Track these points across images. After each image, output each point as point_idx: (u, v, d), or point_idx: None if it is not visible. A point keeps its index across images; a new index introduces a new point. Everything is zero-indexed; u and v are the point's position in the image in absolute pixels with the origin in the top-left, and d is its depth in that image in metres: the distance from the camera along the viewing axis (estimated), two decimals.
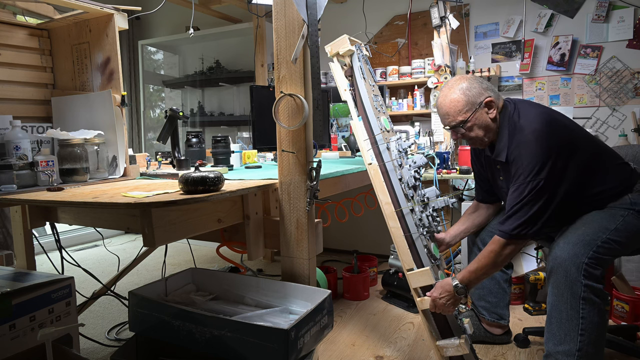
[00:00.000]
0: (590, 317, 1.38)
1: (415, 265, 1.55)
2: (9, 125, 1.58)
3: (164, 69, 4.69)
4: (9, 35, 1.77)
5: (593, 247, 1.40)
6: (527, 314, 2.27)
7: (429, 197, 1.61)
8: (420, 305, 1.56)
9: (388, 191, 1.59)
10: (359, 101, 1.66)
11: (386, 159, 1.62)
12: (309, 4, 1.37)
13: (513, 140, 1.50)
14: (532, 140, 1.44)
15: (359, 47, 1.72)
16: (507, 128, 1.53)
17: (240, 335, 1.14)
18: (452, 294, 1.50)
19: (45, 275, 1.55)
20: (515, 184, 1.47)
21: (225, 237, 1.66)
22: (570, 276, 1.38)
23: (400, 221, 1.57)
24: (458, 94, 1.54)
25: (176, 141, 1.93)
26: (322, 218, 1.67)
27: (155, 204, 1.14)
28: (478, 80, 1.56)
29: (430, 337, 1.58)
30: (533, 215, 1.43)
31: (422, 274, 1.53)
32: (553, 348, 1.44)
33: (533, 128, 1.46)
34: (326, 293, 1.34)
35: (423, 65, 3.21)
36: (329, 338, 2.01)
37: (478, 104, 1.53)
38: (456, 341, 1.53)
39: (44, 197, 1.29)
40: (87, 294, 2.16)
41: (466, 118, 1.53)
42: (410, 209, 1.56)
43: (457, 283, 1.51)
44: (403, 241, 1.56)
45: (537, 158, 1.42)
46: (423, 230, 1.56)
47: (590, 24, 2.84)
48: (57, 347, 1.19)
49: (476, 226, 1.86)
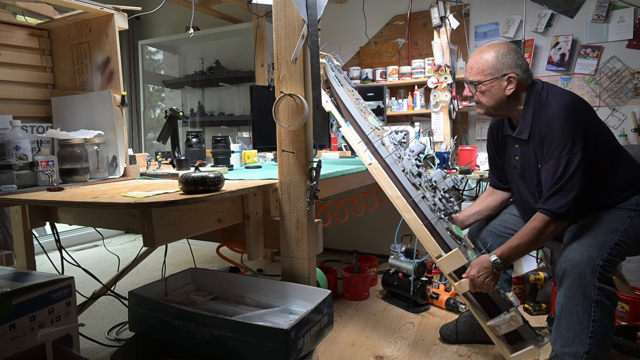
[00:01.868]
0: (601, 320, 1.37)
1: (442, 250, 1.54)
2: (9, 125, 1.58)
3: (164, 69, 4.69)
4: (9, 35, 1.77)
5: (606, 250, 1.39)
6: (527, 314, 2.27)
7: (436, 180, 1.62)
8: (459, 289, 1.53)
9: (395, 185, 1.60)
10: (343, 108, 1.68)
11: (384, 154, 1.63)
12: (309, 4, 1.36)
13: (540, 118, 1.48)
14: (563, 115, 1.42)
15: (329, 60, 1.78)
16: (532, 105, 1.51)
17: (240, 335, 1.14)
18: (491, 270, 1.47)
19: (45, 275, 1.55)
20: (549, 160, 1.44)
21: (225, 237, 1.66)
22: (584, 279, 1.37)
23: (415, 211, 1.57)
24: (490, 55, 1.53)
25: (176, 141, 1.93)
26: (322, 218, 1.67)
27: (155, 204, 1.14)
28: (517, 55, 1.54)
29: (480, 320, 1.55)
30: (579, 192, 1.40)
31: (452, 257, 1.52)
32: (560, 349, 1.43)
33: (562, 103, 1.45)
34: (326, 293, 1.34)
35: (423, 65, 3.21)
36: (329, 338, 2.01)
37: (502, 74, 1.51)
38: (506, 316, 1.50)
39: (44, 197, 1.29)
40: (87, 294, 2.16)
41: (484, 80, 1.52)
42: (421, 196, 1.57)
43: (496, 258, 1.48)
44: (424, 230, 1.56)
45: (569, 132, 1.40)
46: (440, 214, 1.55)
47: (590, 24, 2.84)
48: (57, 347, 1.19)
49: (490, 209, 1.84)
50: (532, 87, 1.55)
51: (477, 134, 3.19)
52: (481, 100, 1.56)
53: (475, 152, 2.77)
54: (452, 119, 2.91)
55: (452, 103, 2.86)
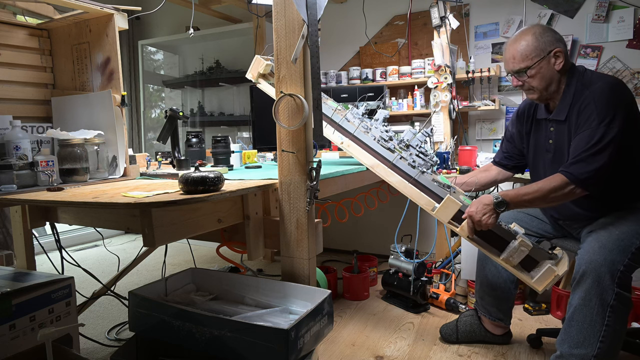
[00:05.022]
0: (614, 324, 1.35)
1: (435, 202, 1.54)
2: (9, 125, 1.58)
3: (164, 69, 4.69)
4: (9, 35, 1.77)
5: (628, 255, 1.36)
6: (527, 314, 2.27)
7: (408, 139, 1.67)
8: (462, 232, 1.52)
9: (371, 154, 1.65)
10: None
11: (351, 129, 1.69)
12: (309, 4, 1.36)
13: (581, 95, 1.47)
14: (607, 90, 1.41)
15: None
16: (574, 87, 1.50)
17: (240, 335, 1.14)
18: (491, 207, 1.45)
19: (45, 275, 1.55)
20: (585, 130, 1.41)
21: (225, 237, 1.66)
22: (603, 283, 1.34)
23: (398, 172, 1.60)
24: (529, 39, 1.52)
25: (176, 141, 1.93)
26: (322, 218, 1.67)
27: (155, 204, 1.13)
28: (553, 31, 1.54)
29: (493, 257, 1.53)
30: (606, 165, 1.38)
31: (447, 205, 1.51)
32: (568, 350, 1.41)
33: (608, 81, 1.44)
34: (326, 293, 1.34)
35: (423, 65, 3.20)
36: (329, 338, 2.01)
37: (547, 52, 1.50)
38: (515, 243, 1.48)
39: (44, 197, 1.29)
40: (87, 294, 2.16)
41: (532, 64, 1.51)
42: (399, 157, 1.61)
43: (499, 197, 1.46)
44: (412, 187, 1.57)
45: (612, 106, 1.38)
46: (422, 168, 1.57)
47: (590, 24, 2.84)
48: (57, 347, 1.19)
49: (479, 185, 1.85)
50: (574, 69, 1.54)
51: (477, 134, 3.19)
52: (533, 85, 1.54)
53: (475, 152, 2.77)
54: (452, 119, 2.91)
55: (452, 103, 2.86)
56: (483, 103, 2.97)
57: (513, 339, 1.97)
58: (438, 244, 2.94)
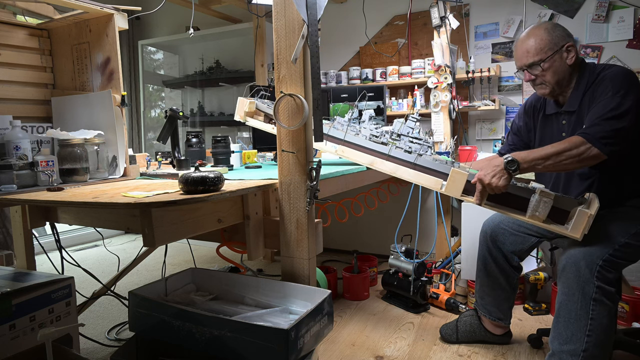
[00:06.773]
0: (600, 318, 1.36)
1: (442, 180, 1.54)
2: (9, 125, 1.58)
3: (164, 69, 4.69)
4: (9, 35, 1.77)
5: (609, 250, 1.37)
6: (527, 314, 2.27)
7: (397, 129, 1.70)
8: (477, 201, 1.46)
9: (367, 153, 1.69)
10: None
11: (341, 136, 1.74)
12: (309, 4, 1.36)
13: (593, 85, 1.49)
14: (621, 73, 1.43)
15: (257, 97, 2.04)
16: (586, 78, 1.53)
17: (240, 335, 1.14)
18: (501, 168, 1.41)
19: (45, 275, 1.55)
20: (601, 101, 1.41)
21: (225, 237, 1.66)
22: (582, 276, 1.36)
23: (396, 161, 1.63)
24: (542, 34, 1.54)
25: (176, 141, 1.93)
26: (322, 218, 1.67)
27: (155, 204, 1.13)
28: (562, 27, 1.57)
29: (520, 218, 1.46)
30: (626, 129, 1.36)
31: (454, 178, 1.49)
32: (558, 347, 1.43)
33: (621, 68, 1.47)
34: (326, 293, 1.34)
35: (423, 65, 3.21)
36: (329, 338, 2.01)
37: (560, 45, 1.53)
38: (535, 196, 1.41)
39: (44, 197, 1.29)
40: (87, 294, 2.16)
41: (546, 57, 1.53)
42: (394, 148, 1.64)
43: (510, 157, 1.41)
44: (415, 173, 1.59)
45: (626, 84, 1.39)
46: (419, 150, 1.60)
47: (590, 24, 2.84)
48: (57, 347, 1.19)
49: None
50: (585, 64, 1.57)
51: (477, 134, 3.18)
52: (546, 79, 1.56)
53: (475, 152, 2.77)
54: (452, 119, 2.91)
55: (452, 103, 2.86)
56: (483, 103, 2.97)
57: (513, 339, 1.97)
58: (438, 244, 2.94)
